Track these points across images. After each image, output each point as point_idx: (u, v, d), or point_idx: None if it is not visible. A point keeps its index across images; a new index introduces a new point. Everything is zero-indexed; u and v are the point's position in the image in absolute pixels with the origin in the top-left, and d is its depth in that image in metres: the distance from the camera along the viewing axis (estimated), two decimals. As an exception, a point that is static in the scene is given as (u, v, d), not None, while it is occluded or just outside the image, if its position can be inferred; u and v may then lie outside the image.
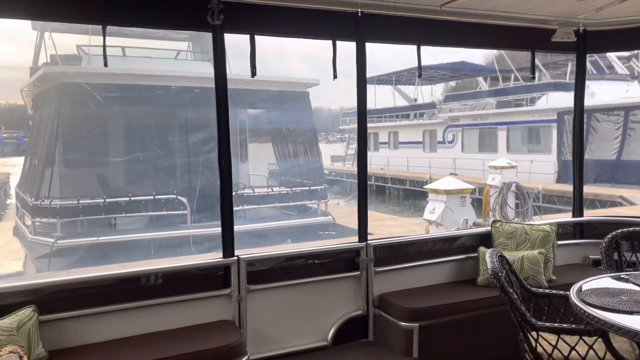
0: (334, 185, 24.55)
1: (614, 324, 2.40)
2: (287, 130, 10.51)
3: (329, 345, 3.66)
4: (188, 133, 9.45)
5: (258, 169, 12.07)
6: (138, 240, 8.07)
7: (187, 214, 8.57)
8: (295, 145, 10.49)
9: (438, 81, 34.29)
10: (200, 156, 8.99)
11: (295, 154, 10.65)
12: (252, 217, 9.87)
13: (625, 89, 21.55)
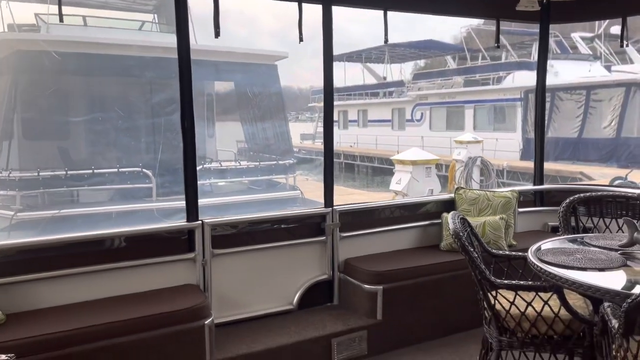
0: (304, 163, 24.55)
1: (568, 279, 2.48)
2: (255, 103, 10.36)
3: (294, 309, 3.69)
4: (152, 92, 9.12)
5: (227, 147, 11.93)
6: (101, 213, 7.90)
7: (152, 187, 8.42)
8: (264, 120, 10.38)
9: (407, 60, 34.41)
10: (163, 117, 8.77)
11: (264, 130, 10.54)
12: (219, 192, 9.78)
13: (588, 68, 22.06)
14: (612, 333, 2.34)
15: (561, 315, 2.75)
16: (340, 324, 3.48)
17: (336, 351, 3.37)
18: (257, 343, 3.20)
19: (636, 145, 17.50)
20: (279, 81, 10.26)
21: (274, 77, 10.25)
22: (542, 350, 2.82)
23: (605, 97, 19.02)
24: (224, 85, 11.90)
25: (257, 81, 10.34)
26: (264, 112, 10.23)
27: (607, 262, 2.66)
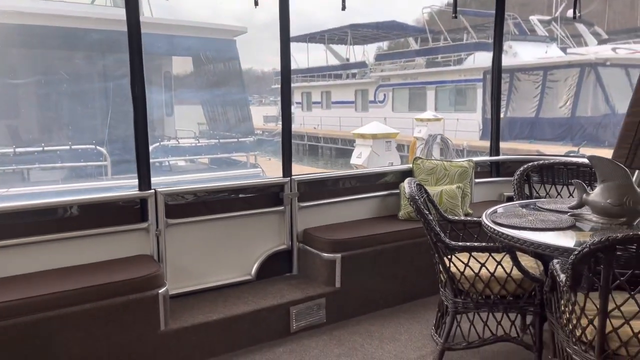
0: (267, 145, 24.38)
1: (520, 239, 2.52)
2: (214, 80, 10.12)
3: (252, 280, 3.66)
4: (104, 53, 8.73)
5: (187, 128, 11.67)
6: (52, 192, 7.60)
7: (107, 164, 8.16)
8: (223, 97, 10.16)
9: (370, 41, 34.39)
10: (112, 82, 8.45)
11: (223, 107, 10.33)
12: (179, 171, 9.58)
13: (545, 50, 22.57)
14: (561, 288, 2.40)
15: (513, 275, 2.81)
16: (298, 293, 3.47)
17: (294, 319, 3.36)
18: (214, 312, 3.15)
19: (589, 124, 18.08)
20: (238, 56, 10.06)
21: (233, 52, 10.04)
22: (495, 310, 2.88)
23: (561, 77, 19.53)
24: (184, 68, 11.60)
25: (216, 56, 10.11)
26: (223, 88, 10.02)
27: (557, 223, 2.72)
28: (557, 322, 2.49)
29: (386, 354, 3.12)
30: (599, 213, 2.71)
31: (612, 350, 2.15)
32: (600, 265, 2.03)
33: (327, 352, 3.15)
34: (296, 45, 33.83)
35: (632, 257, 1.95)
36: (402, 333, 3.39)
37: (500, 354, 3.08)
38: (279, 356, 3.10)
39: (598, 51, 20.76)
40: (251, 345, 3.21)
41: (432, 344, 3.19)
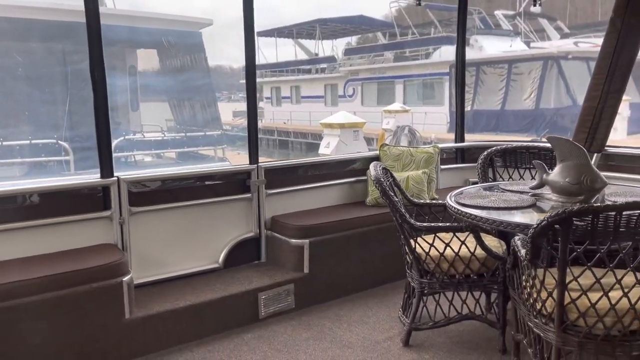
0: (238, 140, 24.18)
1: (482, 217, 2.58)
2: (179, 67, 9.93)
3: (220, 268, 3.63)
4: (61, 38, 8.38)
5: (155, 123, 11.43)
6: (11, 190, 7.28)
7: (69, 159, 7.92)
8: (189, 89, 9.99)
9: (339, 36, 34.43)
10: (70, 66, 8.17)
11: (190, 102, 10.16)
12: (144, 166, 9.38)
13: (510, 44, 23.01)
14: (522, 263, 2.46)
15: (477, 254, 2.86)
16: (267, 279, 3.46)
17: (263, 305, 3.35)
18: (181, 300, 3.12)
19: (553, 115, 18.54)
20: (204, 49, 9.91)
21: (198, 44, 9.88)
22: (460, 289, 2.93)
23: (525, 70, 19.95)
24: (150, 62, 11.36)
25: (181, 49, 9.93)
26: (189, 81, 9.85)
27: (518, 202, 2.78)
28: (519, 297, 2.55)
29: (354, 336, 3.14)
30: (558, 192, 2.78)
31: (571, 321, 2.21)
32: (558, 237, 2.08)
33: (296, 336, 3.15)
34: (265, 40, 33.65)
35: (588, 229, 2.01)
36: (371, 316, 3.41)
37: (465, 332, 3.13)
38: (247, 342, 3.09)
39: (560, 45, 21.29)
40: (219, 332, 3.19)
41: (400, 326, 3.22)
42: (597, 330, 2.17)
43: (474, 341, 3.02)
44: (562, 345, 2.23)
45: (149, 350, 2.94)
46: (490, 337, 3.04)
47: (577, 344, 2.20)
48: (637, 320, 2.13)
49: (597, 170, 2.70)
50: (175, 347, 3.03)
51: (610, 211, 1.94)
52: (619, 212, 1.93)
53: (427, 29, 29.03)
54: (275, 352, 2.96)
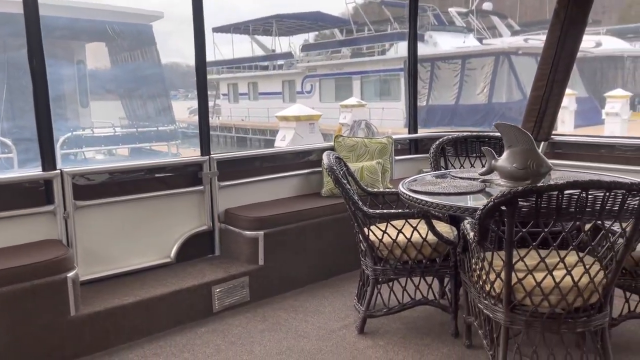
0: (193, 138, 23.77)
1: (433, 202, 2.60)
2: (129, 61, 9.63)
3: (172, 262, 3.54)
4: None
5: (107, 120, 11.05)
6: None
7: (12, 157, 7.54)
8: (140, 82, 9.70)
9: (295, 32, 34.33)
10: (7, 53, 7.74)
11: (142, 97, 9.87)
12: (95, 163, 9.07)
13: (463, 40, 23.52)
14: (471, 247, 2.49)
15: (429, 240, 2.89)
16: (221, 272, 3.40)
17: (217, 299, 3.29)
18: (130, 296, 3.02)
19: (505, 108, 19.07)
20: (155, 42, 9.65)
21: (149, 38, 9.61)
22: (413, 275, 2.96)
23: (477, 66, 20.44)
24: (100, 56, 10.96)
25: (132, 42, 9.64)
26: (140, 76, 9.57)
27: (468, 188, 2.83)
28: (469, 280, 2.59)
29: (310, 326, 3.12)
30: (506, 177, 2.84)
31: (518, 301, 2.26)
32: (504, 218, 2.12)
33: (251, 329, 3.11)
34: (221, 36, 33.21)
35: (532, 209, 2.05)
36: (326, 306, 3.41)
37: (419, 317, 3.17)
38: (201, 336, 3.02)
39: (511, 41, 21.91)
40: (171, 327, 3.11)
41: (355, 314, 3.23)
42: (542, 309, 2.23)
43: (428, 326, 3.06)
44: (510, 324, 2.28)
45: (96, 348, 2.84)
46: (443, 321, 3.08)
47: (525, 322, 2.25)
48: (580, 297, 2.20)
49: (542, 156, 2.76)
50: (124, 344, 2.93)
51: (552, 191, 1.98)
52: (561, 191, 1.98)
53: (384, 25, 29.32)
54: (229, 345, 2.91)
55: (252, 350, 2.85)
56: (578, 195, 1.99)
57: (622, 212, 2.02)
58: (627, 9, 38.08)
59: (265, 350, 2.84)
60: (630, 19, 35.31)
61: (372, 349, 2.81)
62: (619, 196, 1.98)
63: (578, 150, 4.38)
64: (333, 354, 2.77)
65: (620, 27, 31.88)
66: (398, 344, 2.86)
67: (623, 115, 16.42)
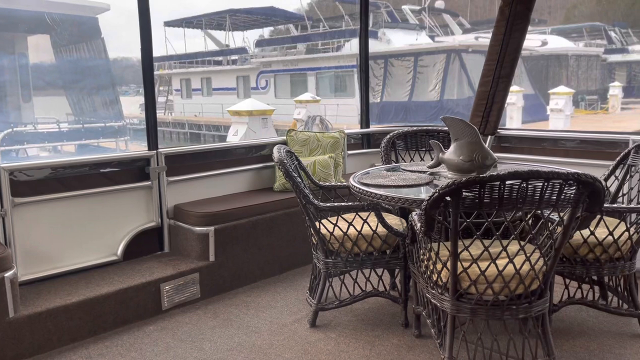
0: (143, 132, 23.11)
1: (382, 195, 2.62)
2: (74, 54, 9.27)
3: (119, 260, 3.44)
4: None
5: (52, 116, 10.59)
6: None
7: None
8: (88, 76, 9.35)
9: (250, 27, 33.99)
10: None
11: (89, 91, 9.51)
12: (36, 160, 8.68)
13: (416, 37, 23.90)
14: (419, 237, 2.54)
15: (379, 232, 2.92)
16: (170, 269, 3.33)
17: (166, 296, 3.22)
18: (74, 295, 2.91)
19: (456, 105, 19.53)
20: (101, 35, 9.31)
21: (95, 30, 9.27)
22: (364, 267, 2.98)
23: (430, 63, 20.83)
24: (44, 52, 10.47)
25: (76, 35, 9.27)
26: (86, 70, 9.22)
27: (416, 180, 2.87)
28: (418, 270, 2.63)
29: (262, 321, 3.10)
30: (453, 169, 2.89)
31: (464, 289, 2.32)
32: (450, 209, 2.16)
33: (201, 325, 3.06)
34: (173, 30, 32.50)
35: (476, 199, 2.10)
36: (279, 300, 3.39)
37: (370, 309, 3.20)
38: (149, 334, 2.95)
39: (462, 39, 22.43)
40: (118, 327, 3.02)
41: (308, 308, 3.23)
42: (487, 296, 2.29)
43: (378, 317, 3.09)
44: (457, 313, 2.33)
45: (37, 350, 2.72)
46: (394, 312, 3.13)
47: (470, 310, 2.31)
48: (522, 284, 2.27)
49: (487, 148, 2.84)
50: (68, 345, 2.83)
51: (494, 181, 2.04)
52: (502, 181, 2.03)
53: (338, 22, 29.45)
54: (179, 343, 2.85)
55: (202, 347, 2.80)
56: (519, 185, 2.05)
57: (559, 201, 2.10)
58: (571, 10, 39.70)
59: (216, 347, 2.80)
60: (574, 19, 36.85)
61: (323, 341, 2.82)
62: (556, 186, 2.06)
63: (523, 144, 4.52)
64: (284, 348, 2.76)
65: (564, 26, 33.23)
66: (349, 335, 2.88)
67: (566, 112, 17.12)
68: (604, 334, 2.82)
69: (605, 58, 29.85)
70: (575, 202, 2.12)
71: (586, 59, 28.46)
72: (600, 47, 30.64)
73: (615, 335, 2.81)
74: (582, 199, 2.11)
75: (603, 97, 27.08)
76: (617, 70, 30.47)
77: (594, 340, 2.75)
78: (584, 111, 25.73)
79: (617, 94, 25.19)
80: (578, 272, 2.76)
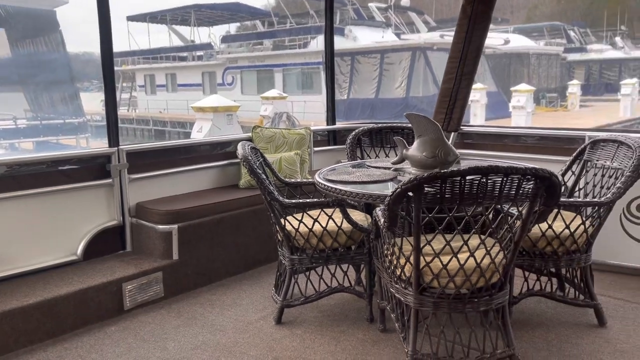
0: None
1: (347, 191, 2.63)
2: (32, 48, 8.96)
3: (79, 260, 3.35)
4: None
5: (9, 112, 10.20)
6: None
7: None
8: (45, 69, 9.04)
9: (215, 23, 33.57)
10: None
11: (47, 87, 9.21)
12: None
13: (382, 35, 24.08)
14: (382, 233, 2.56)
15: (344, 228, 2.93)
16: (132, 268, 3.26)
17: (128, 296, 3.16)
18: (31, 296, 2.83)
19: (421, 102, 19.78)
20: (59, 29, 9.01)
21: (53, 24, 8.97)
22: (330, 263, 2.99)
23: (395, 60, 21.02)
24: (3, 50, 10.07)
25: (33, 29, 8.95)
26: (44, 64, 8.93)
27: (381, 176, 2.89)
28: (382, 265, 2.65)
29: (227, 319, 3.07)
30: (416, 165, 2.93)
31: (427, 283, 2.35)
32: (412, 204, 2.18)
33: (164, 324, 3.01)
34: (136, 25, 31.84)
35: (437, 194, 2.13)
36: (244, 298, 3.37)
37: (336, 305, 3.21)
38: (110, 335, 2.89)
39: (427, 37, 22.72)
40: (78, 328, 2.95)
41: (273, 305, 3.22)
42: (449, 290, 2.33)
43: (344, 313, 3.11)
44: (420, 307, 2.36)
45: (-7, 354, 2.64)
46: (359, 307, 3.15)
47: (433, 304, 2.34)
48: (483, 277, 2.32)
49: (450, 145, 2.88)
50: (26, 347, 2.74)
51: (455, 177, 2.07)
52: (463, 177, 2.07)
53: (305, 18, 29.41)
54: (141, 343, 2.80)
55: (165, 346, 2.76)
56: (479, 180, 2.09)
57: (518, 195, 2.15)
58: (533, 9, 40.71)
59: (180, 346, 2.76)
60: (535, 19, 37.82)
61: (289, 338, 2.82)
62: (515, 181, 2.10)
63: (485, 140, 4.61)
64: (250, 346, 2.75)
65: (526, 25, 34.07)
66: (315, 332, 2.88)
67: (528, 108, 17.56)
68: (562, 325, 2.90)
69: (564, 57, 30.77)
70: (533, 196, 2.17)
71: (547, 58, 29.27)
72: (560, 46, 31.57)
73: (572, 325, 2.90)
74: (540, 193, 2.17)
75: (562, 94, 27.91)
76: (575, 68, 31.45)
77: (552, 331, 2.83)
78: (545, 108, 26.47)
79: (575, 91, 26.00)
80: (537, 265, 2.84)
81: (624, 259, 3.63)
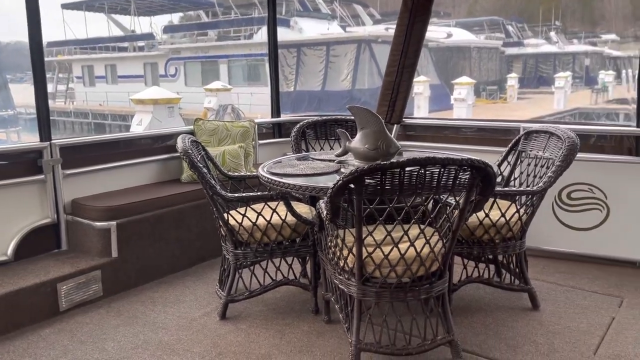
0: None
1: (290, 184, 2.62)
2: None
3: (10, 260, 3.18)
4: None
5: None
6: None
7: None
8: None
9: (157, 12, 32.61)
10: None
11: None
12: None
13: (327, 27, 24.13)
14: (326, 225, 2.57)
15: (288, 221, 2.92)
16: (68, 268, 3.13)
17: (64, 297, 3.03)
18: (-44, 301, 2.66)
19: (367, 94, 20.00)
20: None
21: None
22: (274, 256, 2.98)
23: (341, 52, 21.14)
24: None
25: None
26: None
27: (324, 169, 2.90)
28: (326, 257, 2.67)
29: (169, 317, 3.01)
30: (359, 158, 2.95)
31: (369, 273, 2.38)
32: (353, 195, 2.20)
33: (104, 325, 2.91)
34: (72, 13, 30.47)
35: (378, 186, 2.16)
36: (187, 295, 3.31)
37: (281, 298, 3.21)
38: (45, 338, 2.76)
39: (372, 30, 22.96)
40: (10, 332, 2.80)
41: (218, 300, 3.17)
42: (390, 279, 2.37)
43: (289, 305, 3.11)
44: (363, 297, 2.39)
45: None
46: (305, 299, 3.15)
47: (375, 294, 2.38)
48: (423, 266, 2.37)
49: (391, 137, 2.92)
50: (-49, 356, 2.59)
51: (394, 168, 2.10)
52: (402, 168, 2.10)
53: (250, 9, 29.04)
54: (78, 344, 2.70)
55: (104, 347, 2.67)
56: (417, 171, 2.12)
57: (455, 186, 2.21)
58: (474, 4, 41.89)
59: (119, 346, 2.68)
60: (476, 13, 38.96)
61: (233, 333, 2.79)
62: (452, 171, 2.16)
63: (427, 132, 4.72)
64: (193, 343, 2.70)
65: (467, 20, 35.03)
66: (260, 326, 2.87)
67: (468, 101, 18.10)
68: (499, 309, 3.02)
69: (503, 50, 31.89)
70: (470, 186, 2.23)
71: (487, 51, 30.25)
72: (499, 40, 32.68)
73: (509, 309, 3.02)
74: (476, 183, 2.23)
75: (502, 87, 28.96)
76: (514, 62, 32.67)
77: (490, 315, 2.94)
78: (485, 100, 27.38)
79: (513, 84, 27.03)
80: (475, 253, 2.93)
81: (556, 245, 3.81)
